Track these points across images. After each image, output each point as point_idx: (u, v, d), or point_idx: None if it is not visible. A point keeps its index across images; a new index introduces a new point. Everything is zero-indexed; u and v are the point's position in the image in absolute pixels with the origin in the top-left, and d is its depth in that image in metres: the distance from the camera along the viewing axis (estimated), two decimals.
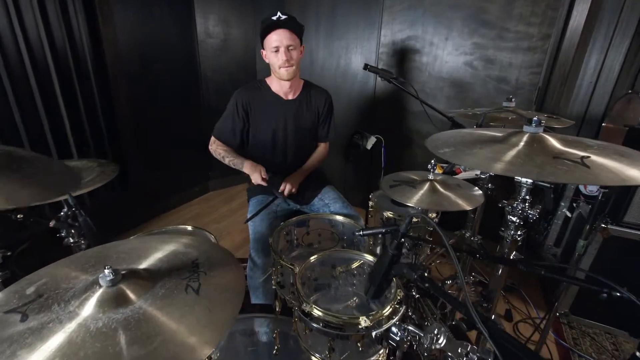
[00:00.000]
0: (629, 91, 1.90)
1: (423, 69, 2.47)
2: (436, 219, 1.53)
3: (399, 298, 0.79)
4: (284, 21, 1.39)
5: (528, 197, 0.90)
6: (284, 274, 1.13)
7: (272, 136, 1.60)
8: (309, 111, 1.64)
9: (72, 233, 1.05)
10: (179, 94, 2.87)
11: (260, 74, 3.25)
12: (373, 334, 0.72)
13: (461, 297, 1.24)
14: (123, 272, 0.65)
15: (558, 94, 2.13)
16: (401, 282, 0.83)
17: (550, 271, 0.75)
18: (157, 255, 0.75)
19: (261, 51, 1.52)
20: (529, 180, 0.87)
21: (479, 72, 2.29)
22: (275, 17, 1.38)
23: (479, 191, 1.23)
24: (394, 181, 1.22)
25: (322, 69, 2.88)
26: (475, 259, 1.89)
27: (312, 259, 0.94)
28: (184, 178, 3.09)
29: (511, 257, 0.94)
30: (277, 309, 1.16)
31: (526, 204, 0.90)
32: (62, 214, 1.04)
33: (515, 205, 0.91)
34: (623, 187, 1.57)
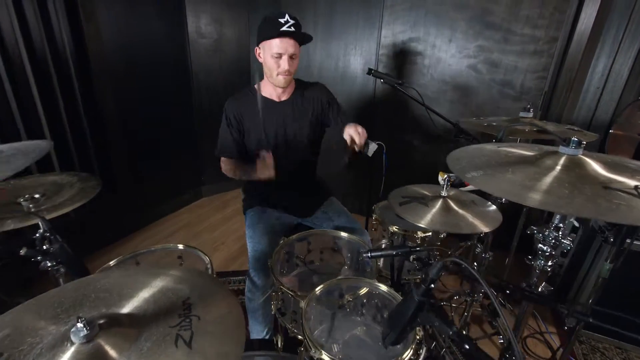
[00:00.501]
0: (638, 97, 1.85)
1: (425, 72, 2.39)
2: (445, 234, 1.45)
3: (418, 339, 0.71)
4: (293, 33, 1.27)
5: (562, 224, 0.79)
6: (285, 299, 1.04)
7: (268, 141, 1.49)
8: (305, 105, 1.52)
9: (48, 258, 0.93)
10: (170, 95, 2.74)
11: (255, 76, 3.13)
12: None
13: None
14: (100, 321, 0.55)
15: (564, 99, 2.07)
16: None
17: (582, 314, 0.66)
18: (143, 295, 0.65)
19: (255, 48, 1.39)
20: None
21: (483, 76, 2.21)
22: (283, 20, 1.25)
23: (492, 206, 1.15)
24: (402, 197, 1.12)
25: (319, 70, 2.78)
26: (505, 296, 1.82)
27: (317, 290, 0.85)
28: (175, 184, 2.95)
29: (540, 290, 0.84)
30: (278, 344, 1.07)
31: (559, 232, 0.79)
32: (37, 236, 0.93)
33: (547, 233, 0.80)
34: None
